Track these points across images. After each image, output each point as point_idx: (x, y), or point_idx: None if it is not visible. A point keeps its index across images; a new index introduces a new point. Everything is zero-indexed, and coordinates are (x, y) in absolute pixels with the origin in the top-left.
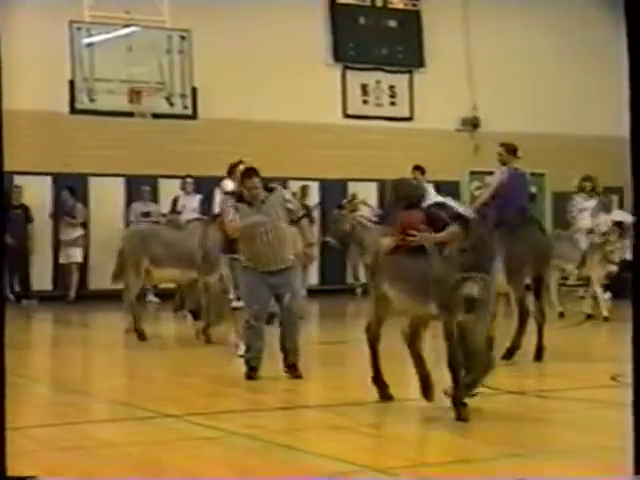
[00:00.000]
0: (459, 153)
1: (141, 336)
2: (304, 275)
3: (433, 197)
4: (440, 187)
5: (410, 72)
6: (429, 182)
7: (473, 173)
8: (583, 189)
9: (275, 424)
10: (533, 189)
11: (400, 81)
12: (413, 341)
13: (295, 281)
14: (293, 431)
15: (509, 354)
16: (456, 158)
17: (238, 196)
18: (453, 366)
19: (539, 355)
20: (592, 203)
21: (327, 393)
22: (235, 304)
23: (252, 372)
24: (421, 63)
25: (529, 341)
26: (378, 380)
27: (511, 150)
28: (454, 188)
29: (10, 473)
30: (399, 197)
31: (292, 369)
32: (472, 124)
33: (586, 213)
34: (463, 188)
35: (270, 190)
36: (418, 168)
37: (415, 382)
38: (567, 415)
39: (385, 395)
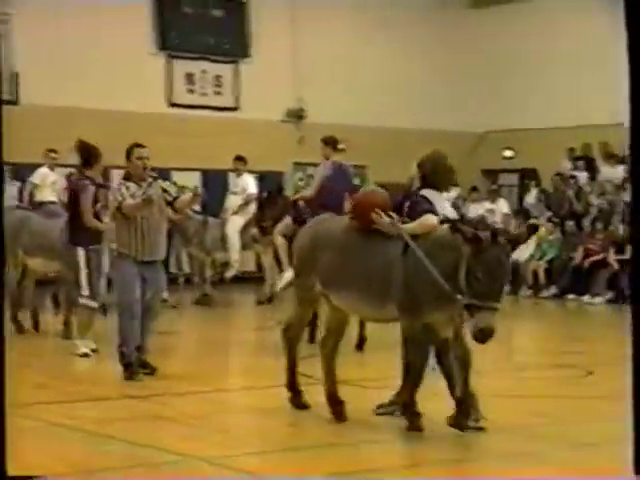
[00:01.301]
0: (284, 144)
1: (19, 328)
2: None
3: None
4: (264, 177)
5: (236, 62)
6: (251, 172)
7: (297, 164)
8: None
9: (99, 415)
10: (357, 181)
11: (226, 71)
12: (330, 345)
13: (163, 276)
14: (116, 421)
15: (360, 344)
16: (281, 149)
17: (125, 176)
18: (412, 375)
19: (361, 345)
20: (453, 194)
21: (151, 383)
22: (85, 301)
23: (131, 368)
24: (246, 53)
25: (351, 332)
26: (293, 386)
27: (331, 144)
28: (278, 179)
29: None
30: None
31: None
32: (297, 115)
33: (446, 204)
34: (287, 179)
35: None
36: (240, 159)
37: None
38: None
39: (299, 403)
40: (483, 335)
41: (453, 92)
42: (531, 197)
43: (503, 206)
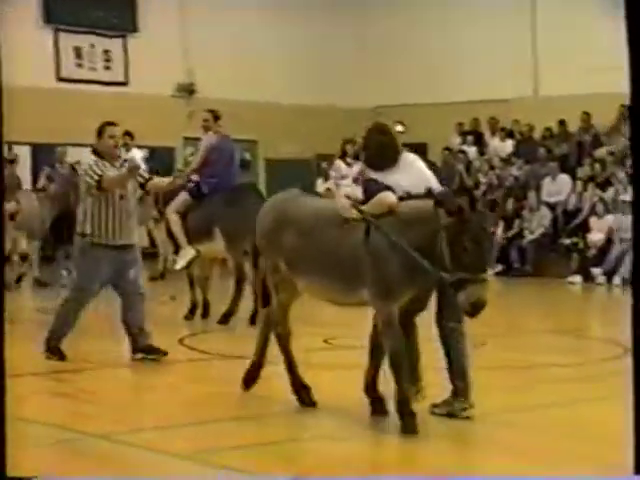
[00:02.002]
0: (174, 119)
1: None
2: None
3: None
4: (154, 153)
5: (124, 36)
6: (140, 147)
7: (187, 139)
8: (345, 154)
9: None
10: (247, 156)
11: (114, 45)
12: (287, 336)
13: (139, 257)
14: (11, 399)
15: (225, 319)
16: (171, 124)
17: (95, 155)
18: (396, 364)
19: (254, 320)
20: (355, 169)
21: (47, 360)
22: None
23: (57, 353)
24: (135, 28)
25: (245, 306)
26: (297, 384)
27: (215, 116)
28: (168, 154)
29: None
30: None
31: (152, 350)
32: (187, 90)
33: (348, 180)
34: (178, 154)
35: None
36: (128, 134)
37: None
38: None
39: (307, 401)
40: (475, 309)
41: (343, 68)
42: None
43: None
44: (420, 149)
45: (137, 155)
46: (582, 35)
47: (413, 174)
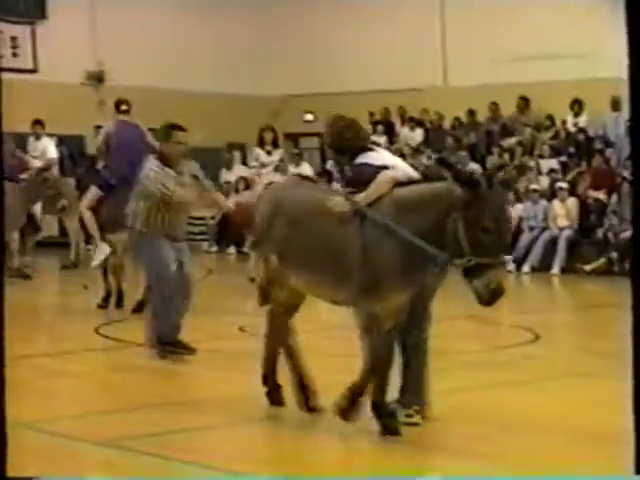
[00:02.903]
0: (84, 107)
1: None
2: None
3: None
4: (64, 141)
5: (32, 23)
6: (50, 136)
7: (98, 127)
8: (264, 141)
9: None
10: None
11: (22, 32)
12: (285, 334)
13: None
14: None
15: (139, 307)
16: (81, 112)
17: (160, 158)
18: (377, 371)
19: (140, 308)
20: (276, 157)
21: None
22: None
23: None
24: (43, 14)
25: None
26: (303, 386)
27: (116, 104)
28: (79, 142)
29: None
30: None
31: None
32: (97, 78)
33: (269, 168)
34: (88, 142)
35: None
36: (38, 122)
37: None
38: (201, 366)
39: (275, 400)
40: (495, 296)
41: (254, 56)
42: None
43: (306, 169)
44: None
45: (48, 144)
46: (489, 26)
47: (387, 159)
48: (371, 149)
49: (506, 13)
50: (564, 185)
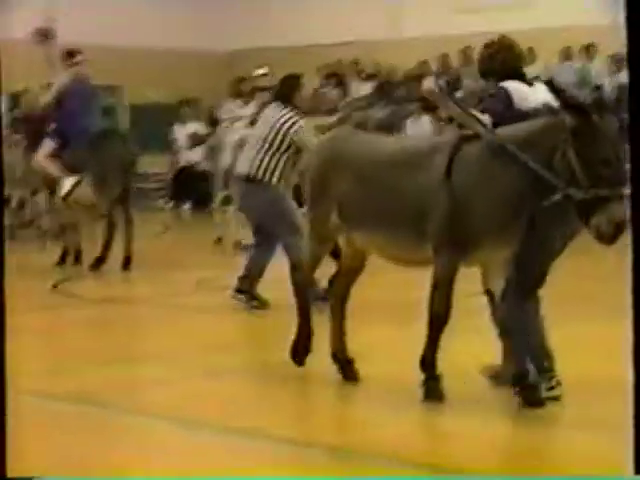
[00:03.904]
0: (33, 64)
1: None
2: None
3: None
4: (15, 100)
5: None
6: None
7: (48, 84)
8: (239, 94)
9: None
10: (110, 102)
11: None
12: (343, 301)
13: None
14: None
15: (97, 264)
16: (29, 69)
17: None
18: (434, 327)
19: (127, 264)
20: (252, 109)
21: None
22: None
23: None
24: None
25: (117, 252)
26: (306, 346)
27: (65, 55)
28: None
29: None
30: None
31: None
32: (46, 35)
33: (243, 122)
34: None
35: None
36: None
37: None
38: (165, 320)
39: (349, 376)
40: (618, 230)
41: (197, 11)
42: None
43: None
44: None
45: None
46: None
47: None
48: None
49: None
50: None
